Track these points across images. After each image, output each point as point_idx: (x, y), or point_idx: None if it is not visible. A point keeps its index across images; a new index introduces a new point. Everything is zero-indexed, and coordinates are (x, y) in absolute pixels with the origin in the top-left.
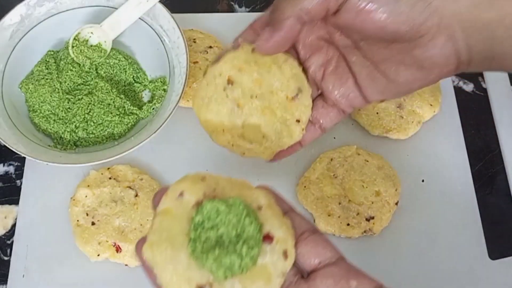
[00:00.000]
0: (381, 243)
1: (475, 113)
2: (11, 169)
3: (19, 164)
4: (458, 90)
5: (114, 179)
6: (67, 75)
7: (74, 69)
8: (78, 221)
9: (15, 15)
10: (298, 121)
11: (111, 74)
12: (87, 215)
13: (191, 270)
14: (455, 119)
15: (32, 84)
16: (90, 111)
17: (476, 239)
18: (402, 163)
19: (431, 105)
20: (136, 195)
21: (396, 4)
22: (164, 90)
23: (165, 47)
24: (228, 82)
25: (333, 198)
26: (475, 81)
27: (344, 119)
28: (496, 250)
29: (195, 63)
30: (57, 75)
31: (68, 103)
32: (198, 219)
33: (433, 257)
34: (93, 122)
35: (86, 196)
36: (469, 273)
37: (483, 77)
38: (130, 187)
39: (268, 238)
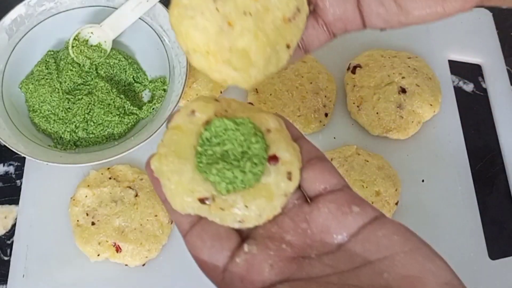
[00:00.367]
0: None
1: (475, 113)
2: (11, 169)
3: (19, 164)
4: (458, 90)
5: (114, 179)
6: (67, 75)
7: (74, 69)
8: (78, 221)
9: (15, 15)
10: (288, 46)
11: (111, 74)
12: (87, 215)
13: (195, 183)
14: (455, 119)
15: (32, 84)
16: (90, 111)
17: (476, 239)
18: (402, 163)
19: (431, 105)
20: (136, 195)
21: None
22: (164, 90)
23: (165, 47)
24: None
25: None
26: (475, 81)
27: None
28: (496, 250)
29: None
30: (57, 75)
31: (68, 103)
32: (206, 135)
33: None
34: (93, 122)
35: (86, 196)
36: (469, 273)
37: (483, 77)
38: (130, 187)
39: (274, 159)
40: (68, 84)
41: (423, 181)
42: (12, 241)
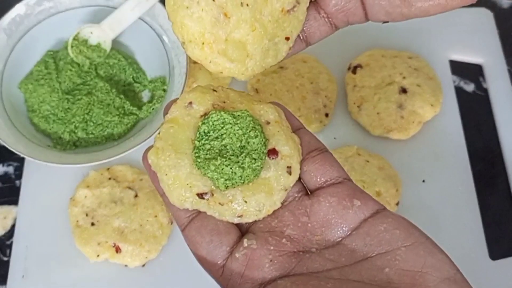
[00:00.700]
0: None
1: (476, 113)
2: (10, 169)
3: (18, 164)
4: (459, 90)
5: (114, 179)
6: (66, 75)
7: (73, 69)
8: (77, 221)
9: (14, 14)
10: (288, 38)
11: (111, 74)
12: (86, 215)
13: (192, 177)
14: (456, 119)
15: (32, 84)
16: (89, 111)
17: (477, 239)
18: (403, 163)
19: (432, 105)
20: (136, 196)
21: None
22: (164, 90)
23: (165, 47)
24: None
25: None
26: (476, 81)
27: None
28: (497, 251)
29: (195, 63)
30: (56, 75)
31: (67, 103)
32: (203, 128)
33: None
34: (93, 122)
35: (86, 197)
36: (469, 274)
37: (484, 77)
38: (129, 188)
39: (273, 153)
40: (67, 84)
41: (424, 181)
42: (12, 242)
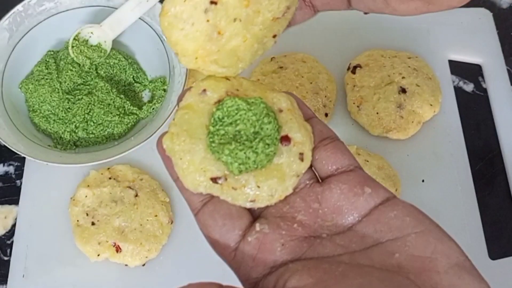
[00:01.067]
0: None
1: (475, 113)
2: (11, 169)
3: (19, 164)
4: (458, 90)
5: (114, 179)
6: (67, 75)
7: (74, 69)
8: (78, 221)
9: (15, 15)
10: (275, 36)
11: (111, 74)
12: (87, 215)
13: (207, 162)
14: (455, 119)
15: (32, 84)
16: (90, 111)
17: (476, 239)
18: (402, 163)
19: (431, 105)
20: (136, 195)
21: None
22: (164, 90)
23: (165, 47)
24: (212, 2)
25: None
26: (475, 81)
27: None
28: (497, 250)
29: None
30: (57, 75)
31: (68, 103)
32: (218, 114)
33: None
34: (93, 122)
35: (86, 196)
36: None
37: (483, 77)
38: (130, 187)
39: (286, 140)
40: (68, 84)
41: (423, 181)
42: (12, 241)
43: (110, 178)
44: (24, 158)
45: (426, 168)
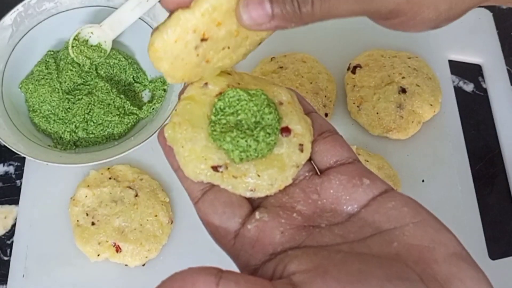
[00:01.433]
0: None
1: (475, 113)
2: (11, 169)
3: (19, 164)
4: (458, 90)
5: (114, 179)
6: (67, 75)
7: (74, 69)
8: (78, 221)
9: (15, 15)
10: (261, 40)
11: (111, 74)
12: (87, 215)
13: (208, 150)
14: (455, 119)
15: (32, 84)
16: (90, 111)
17: (476, 239)
18: (402, 163)
19: (431, 105)
20: (136, 195)
21: None
22: (164, 90)
23: None
24: (202, 40)
25: None
26: (475, 81)
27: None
28: (496, 250)
29: None
30: (57, 75)
31: (68, 103)
32: (219, 104)
33: None
34: (93, 122)
35: (86, 196)
36: None
37: (483, 77)
38: (130, 187)
39: (286, 131)
40: (68, 84)
41: (423, 181)
42: (12, 241)
43: (110, 178)
44: (24, 158)
45: (426, 168)
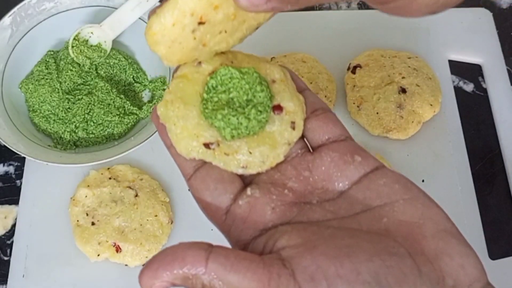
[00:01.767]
0: None
1: (475, 113)
2: (11, 169)
3: (19, 164)
4: (458, 90)
5: (114, 179)
6: (67, 75)
7: (74, 69)
8: (78, 221)
9: (15, 15)
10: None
11: (111, 74)
12: (87, 215)
13: (200, 128)
14: (455, 119)
15: (32, 84)
16: (90, 111)
17: (476, 239)
18: (402, 163)
19: (431, 105)
20: (136, 195)
21: None
22: (164, 90)
23: None
24: (200, 23)
25: None
26: (475, 81)
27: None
28: (497, 250)
29: None
30: (57, 75)
31: (68, 103)
32: (212, 82)
33: None
34: (93, 122)
35: (86, 196)
36: None
37: (483, 77)
38: (130, 187)
39: (278, 109)
40: (68, 84)
41: (423, 181)
42: (12, 241)
43: (110, 178)
44: (24, 158)
45: (426, 168)
